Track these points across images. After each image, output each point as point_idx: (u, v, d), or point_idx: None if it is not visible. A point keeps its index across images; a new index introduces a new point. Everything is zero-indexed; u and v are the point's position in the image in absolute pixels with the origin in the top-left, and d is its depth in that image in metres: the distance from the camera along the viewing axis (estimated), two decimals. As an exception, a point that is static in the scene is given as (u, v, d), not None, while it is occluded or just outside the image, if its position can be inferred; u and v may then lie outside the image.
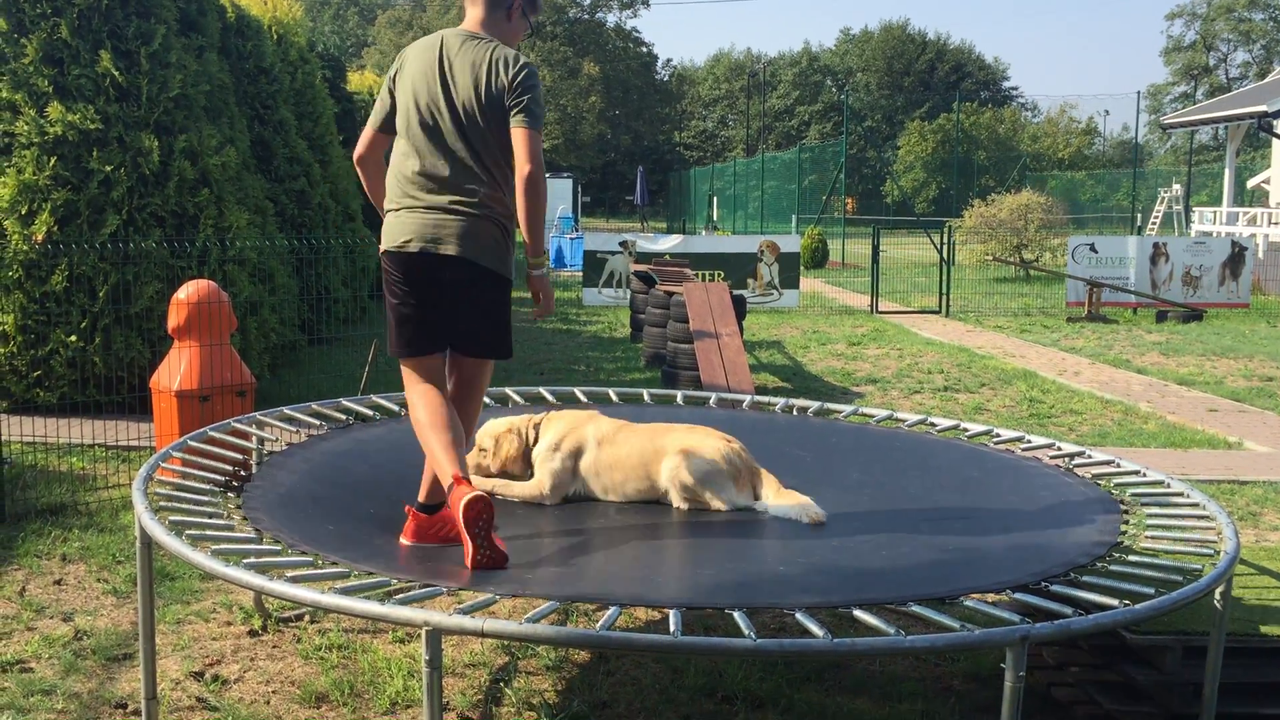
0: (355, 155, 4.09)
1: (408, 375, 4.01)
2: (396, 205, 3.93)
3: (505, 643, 4.56)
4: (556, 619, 4.75)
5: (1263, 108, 22.40)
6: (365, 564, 3.48)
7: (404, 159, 3.92)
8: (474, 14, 3.99)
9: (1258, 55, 71.47)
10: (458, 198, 3.85)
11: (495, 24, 3.98)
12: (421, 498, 3.95)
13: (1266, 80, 30.11)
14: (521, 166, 3.77)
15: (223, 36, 10.56)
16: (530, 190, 3.77)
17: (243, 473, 4.45)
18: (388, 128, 4.02)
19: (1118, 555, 3.71)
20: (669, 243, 18.48)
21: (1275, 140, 24.68)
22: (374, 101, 4.06)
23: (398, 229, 3.90)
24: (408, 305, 3.93)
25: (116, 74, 8.39)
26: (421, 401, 3.91)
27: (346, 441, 5.06)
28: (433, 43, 3.95)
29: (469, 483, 3.64)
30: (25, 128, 8.24)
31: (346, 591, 3.10)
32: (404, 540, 3.92)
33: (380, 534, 3.98)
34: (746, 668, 4.33)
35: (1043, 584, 3.35)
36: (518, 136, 3.79)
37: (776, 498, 4.30)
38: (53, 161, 8.22)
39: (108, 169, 8.31)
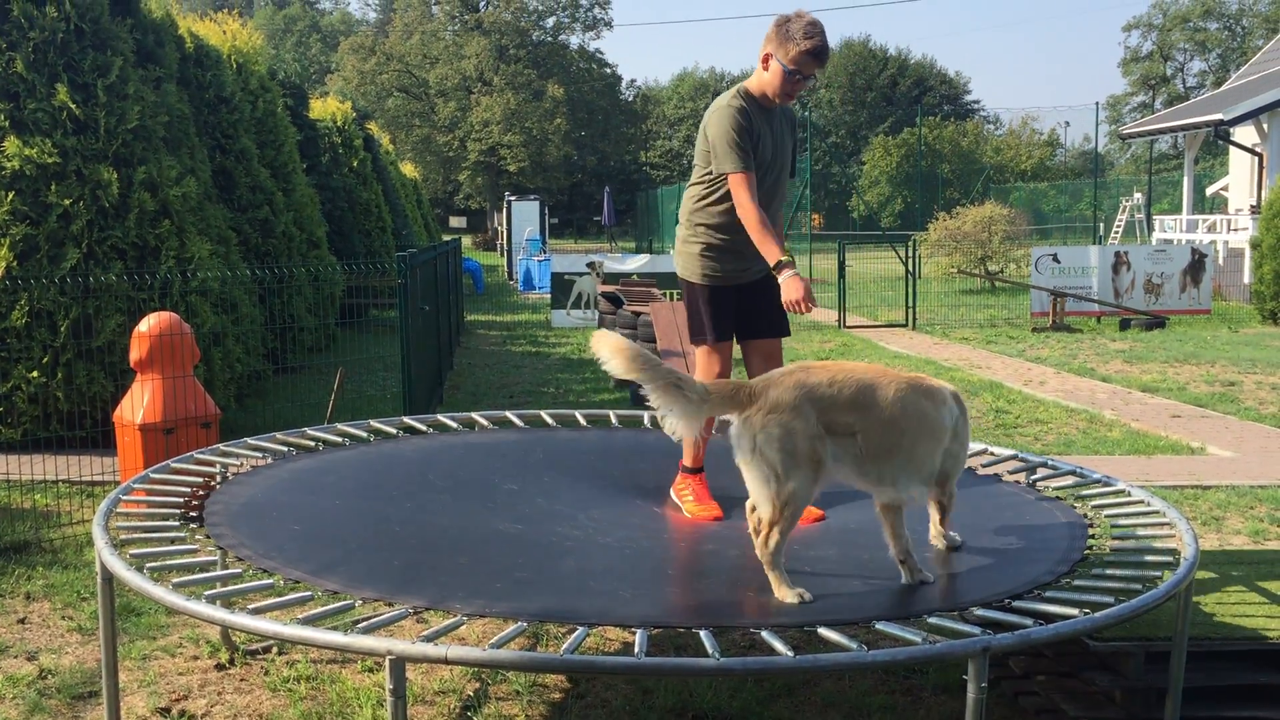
0: None
1: None
2: None
3: (474, 668, 4.54)
4: (525, 642, 4.74)
5: (1219, 116, 22.72)
6: (327, 579, 3.46)
7: None
8: None
9: (1214, 64, 72.43)
10: None
11: (756, 74, 4.73)
12: None
13: (1223, 89, 30.54)
14: None
15: (181, 67, 10.53)
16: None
17: (203, 492, 4.43)
18: None
19: (1081, 568, 3.73)
20: (636, 263, 18.51)
21: (1233, 148, 25.03)
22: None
23: None
24: None
25: (74, 107, 8.35)
26: None
27: (311, 460, 5.03)
28: None
29: None
30: (-18, 163, 8.18)
31: (310, 620, 3.08)
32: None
33: (341, 542, 3.91)
34: (716, 686, 4.33)
35: (1007, 601, 3.36)
36: None
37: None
38: (10, 196, 8.15)
39: (66, 203, 8.25)
